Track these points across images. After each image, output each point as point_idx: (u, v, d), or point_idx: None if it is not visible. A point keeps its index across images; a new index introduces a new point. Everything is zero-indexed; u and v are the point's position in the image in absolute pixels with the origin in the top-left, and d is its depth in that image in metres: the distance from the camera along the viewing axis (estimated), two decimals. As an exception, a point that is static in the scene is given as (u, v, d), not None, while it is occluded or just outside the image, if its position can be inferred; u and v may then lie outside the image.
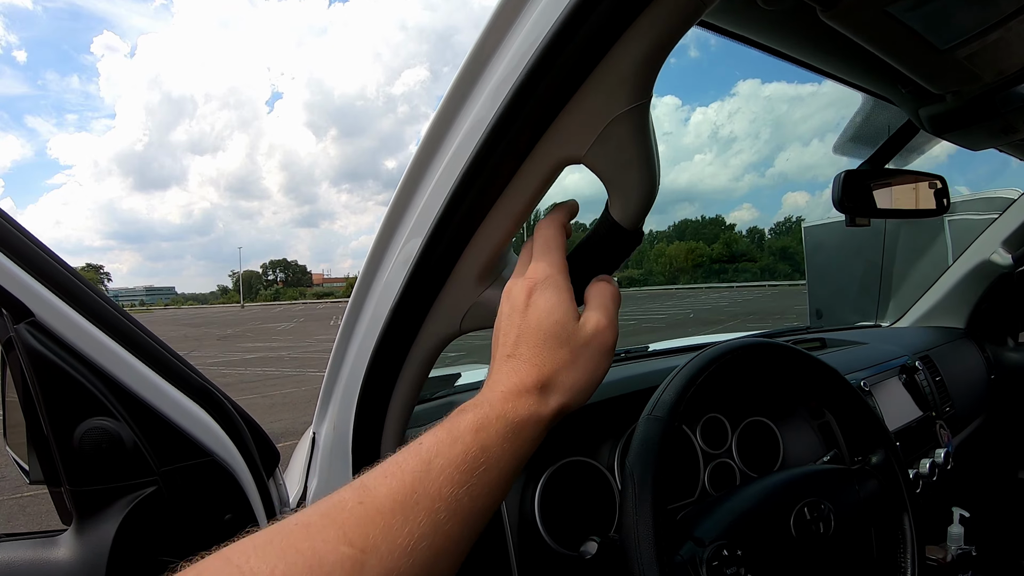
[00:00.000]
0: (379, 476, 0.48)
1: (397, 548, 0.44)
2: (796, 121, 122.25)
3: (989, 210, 4.96)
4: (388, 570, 0.43)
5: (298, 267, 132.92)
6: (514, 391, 0.54)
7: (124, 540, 0.78)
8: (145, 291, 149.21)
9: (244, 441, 0.90)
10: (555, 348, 0.56)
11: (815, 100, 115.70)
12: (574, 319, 0.59)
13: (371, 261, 0.78)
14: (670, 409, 0.84)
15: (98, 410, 0.78)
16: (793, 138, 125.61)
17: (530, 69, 0.56)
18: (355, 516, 0.44)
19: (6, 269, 0.72)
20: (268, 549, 0.42)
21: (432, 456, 0.49)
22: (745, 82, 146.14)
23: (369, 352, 0.82)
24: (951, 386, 1.97)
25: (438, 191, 0.67)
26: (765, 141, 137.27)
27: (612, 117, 0.56)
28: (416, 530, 0.45)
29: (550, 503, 1.03)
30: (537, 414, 0.54)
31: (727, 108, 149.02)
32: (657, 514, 0.76)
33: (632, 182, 0.60)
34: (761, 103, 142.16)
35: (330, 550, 0.42)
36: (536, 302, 0.59)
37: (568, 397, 0.56)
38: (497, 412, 0.52)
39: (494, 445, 0.51)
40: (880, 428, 1.05)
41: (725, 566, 0.78)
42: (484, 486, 0.49)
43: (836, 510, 0.90)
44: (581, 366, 0.57)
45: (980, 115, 1.28)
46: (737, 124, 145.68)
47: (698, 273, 67.84)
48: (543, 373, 0.55)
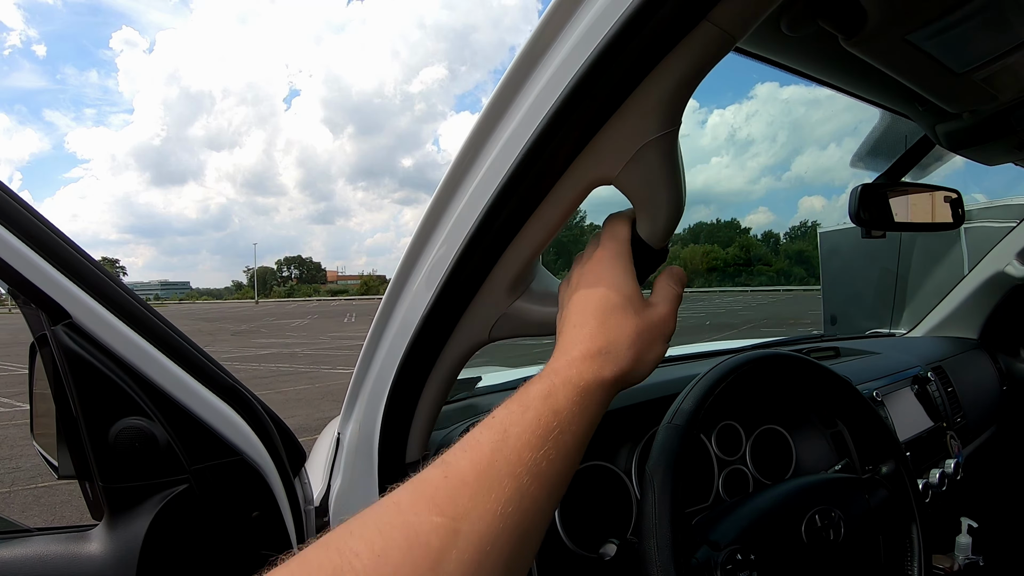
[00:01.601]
0: (458, 451, 0.51)
1: (487, 513, 0.46)
2: (813, 124, 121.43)
3: (1007, 218, 4.93)
4: (482, 534, 0.45)
5: (312, 264, 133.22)
6: (580, 357, 0.57)
7: (156, 536, 0.80)
8: (160, 285, 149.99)
9: (272, 440, 0.92)
10: (621, 320, 0.59)
11: (832, 104, 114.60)
12: (641, 299, 0.62)
13: (404, 267, 0.80)
14: (689, 418, 0.88)
15: (132, 410, 0.80)
16: (810, 142, 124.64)
17: (570, 92, 0.58)
18: (442, 489, 0.47)
19: (44, 272, 0.75)
20: (364, 530, 0.44)
21: (507, 426, 0.51)
22: (763, 85, 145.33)
23: (399, 356, 0.84)
24: (963, 397, 1.98)
25: (474, 203, 0.69)
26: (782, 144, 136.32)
27: (644, 142, 0.59)
28: (503, 495, 0.47)
29: (569, 506, 1.05)
30: (600, 377, 0.56)
31: (744, 111, 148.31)
32: (675, 519, 0.79)
33: (660, 203, 0.63)
34: (779, 106, 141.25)
35: (423, 521, 0.44)
36: (606, 275, 0.62)
37: (628, 368, 0.58)
38: (563, 378, 0.55)
39: (564, 409, 0.53)
40: (891, 439, 1.08)
41: (739, 570, 0.81)
42: (560, 448, 0.51)
43: (846, 518, 0.93)
44: (642, 344, 0.59)
45: (996, 132, 1.31)
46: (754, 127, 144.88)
47: (712, 277, 67.42)
48: (608, 340, 0.58)
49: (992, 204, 5.69)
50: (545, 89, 0.61)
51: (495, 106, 0.66)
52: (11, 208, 0.74)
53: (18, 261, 0.73)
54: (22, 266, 0.73)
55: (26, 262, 0.73)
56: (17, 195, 0.75)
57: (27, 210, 0.75)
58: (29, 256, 0.73)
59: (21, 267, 0.73)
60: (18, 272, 0.73)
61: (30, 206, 0.76)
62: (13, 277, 0.73)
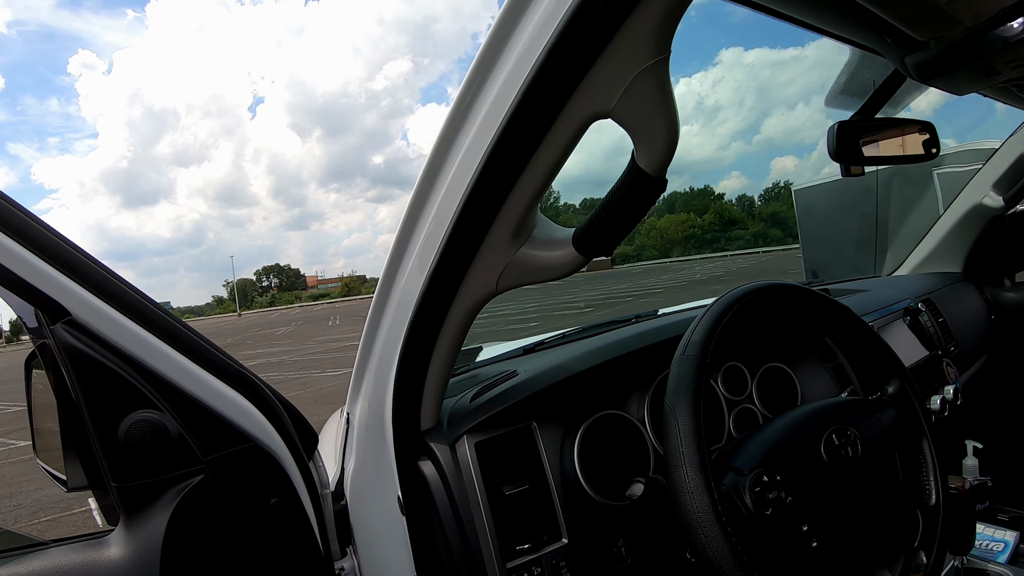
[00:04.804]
0: None
1: None
2: (780, 85, 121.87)
3: (976, 160, 5.01)
4: None
5: (291, 271, 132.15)
6: None
7: (176, 531, 0.78)
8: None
9: (283, 425, 0.91)
10: None
11: (798, 64, 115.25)
12: None
13: (403, 231, 0.81)
14: (701, 348, 0.89)
15: (141, 403, 0.78)
16: (778, 103, 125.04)
17: (563, 27, 0.59)
18: None
19: (39, 270, 0.72)
20: None
21: None
22: (727, 50, 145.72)
23: (406, 320, 0.85)
24: (954, 327, 2.02)
25: (473, 152, 0.70)
26: (750, 108, 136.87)
27: (637, 72, 0.61)
28: None
29: (588, 457, 1.07)
30: None
31: (711, 78, 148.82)
32: (701, 445, 0.81)
33: (657, 130, 0.65)
34: (744, 70, 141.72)
35: None
36: None
37: None
38: None
39: None
40: (894, 359, 1.11)
41: (767, 491, 0.83)
42: None
43: (861, 436, 0.95)
44: None
45: (963, 59, 1.33)
46: (721, 93, 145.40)
47: (691, 244, 67.82)
48: None
49: (963, 148, 5.78)
50: (538, 27, 0.61)
51: (489, 51, 0.66)
52: (2, 209, 0.72)
53: (12, 261, 0.70)
54: (16, 266, 0.71)
55: (20, 261, 0.71)
56: (5, 194, 0.73)
57: (17, 208, 0.73)
58: (23, 255, 0.71)
59: (15, 267, 0.71)
60: (12, 272, 0.70)
61: (19, 204, 0.73)
62: (8, 277, 0.71)
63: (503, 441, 1.01)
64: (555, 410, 1.08)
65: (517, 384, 1.09)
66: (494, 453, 1.00)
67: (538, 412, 1.06)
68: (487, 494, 0.96)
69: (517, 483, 1.00)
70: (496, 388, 1.09)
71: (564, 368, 1.15)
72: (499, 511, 0.96)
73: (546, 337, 1.60)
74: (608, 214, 0.71)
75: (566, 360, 1.19)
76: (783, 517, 0.85)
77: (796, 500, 0.86)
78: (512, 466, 1.01)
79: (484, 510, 0.95)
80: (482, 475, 0.97)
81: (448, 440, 0.98)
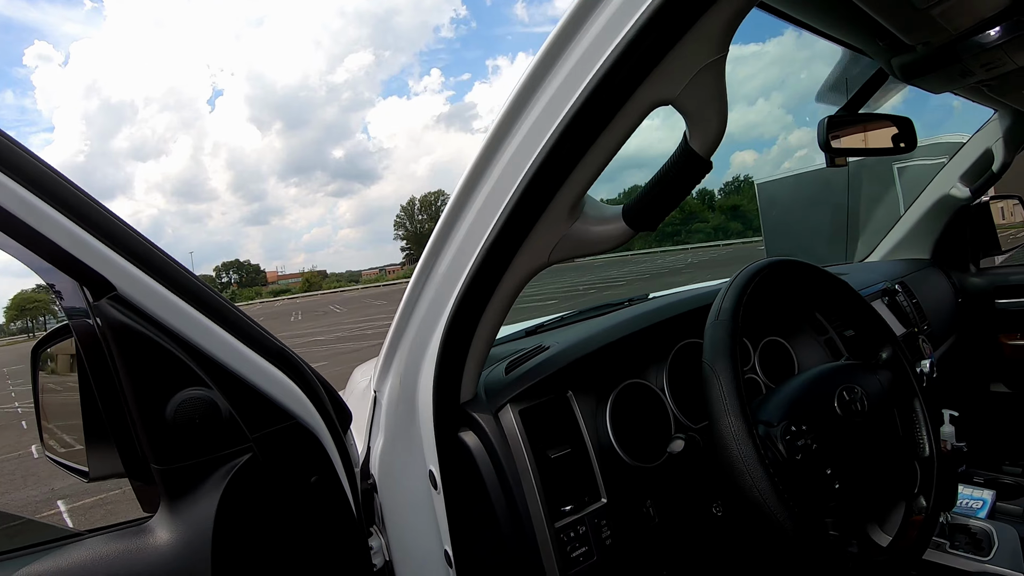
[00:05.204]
0: None
1: None
2: (741, 81, 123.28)
3: (937, 155, 5.24)
4: None
5: (251, 267, 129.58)
6: None
7: (227, 511, 0.76)
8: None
9: (322, 402, 0.91)
10: None
11: (758, 60, 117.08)
12: None
13: (455, 206, 0.84)
14: (732, 313, 0.99)
15: (190, 380, 0.76)
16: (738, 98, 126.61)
17: (644, 23, 0.65)
18: None
19: (86, 242, 0.69)
20: None
21: None
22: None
23: (452, 295, 0.88)
24: (925, 308, 2.16)
25: (537, 132, 0.74)
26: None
27: (703, 64, 0.67)
28: None
29: (620, 424, 1.13)
30: None
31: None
32: (742, 395, 0.90)
33: (711, 118, 0.72)
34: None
35: None
36: None
37: None
38: None
39: None
40: (886, 328, 1.24)
41: (795, 440, 0.94)
42: None
43: (867, 393, 1.06)
44: None
45: (943, 62, 1.45)
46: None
47: (652, 237, 68.36)
48: None
49: (923, 143, 6.00)
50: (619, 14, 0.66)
51: (563, 34, 0.70)
52: (49, 180, 0.68)
53: (57, 233, 0.67)
54: (62, 238, 0.68)
55: (66, 233, 0.68)
56: (52, 166, 0.69)
57: (64, 180, 0.70)
58: (69, 227, 0.68)
59: (61, 239, 0.68)
60: (57, 245, 0.68)
61: (65, 176, 0.70)
62: (51, 250, 0.68)
63: (542, 409, 1.07)
64: (587, 380, 1.15)
65: (551, 356, 1.15)
66: (535, 421, 1.05)
67: (573, 382, 1.12)
68: (534, 458, 1.01)
69: (560, 447, 1.06)
70: (531, 360, 1.15)
71: (592, 340, 1.21)
72: (545, 474, 1.02)
73: (545, 320, 1.68)
74: (660, 190, 0.78)
75: (592, 334, 1.25)
76: (811, 462, 0.95)
77: (820, 447, 0.96)
78: (551, 432, 1.06)
79: (533, 473, 1.00)
80: (529, 441, 1.02)
81: (491, 410, 1.02)
